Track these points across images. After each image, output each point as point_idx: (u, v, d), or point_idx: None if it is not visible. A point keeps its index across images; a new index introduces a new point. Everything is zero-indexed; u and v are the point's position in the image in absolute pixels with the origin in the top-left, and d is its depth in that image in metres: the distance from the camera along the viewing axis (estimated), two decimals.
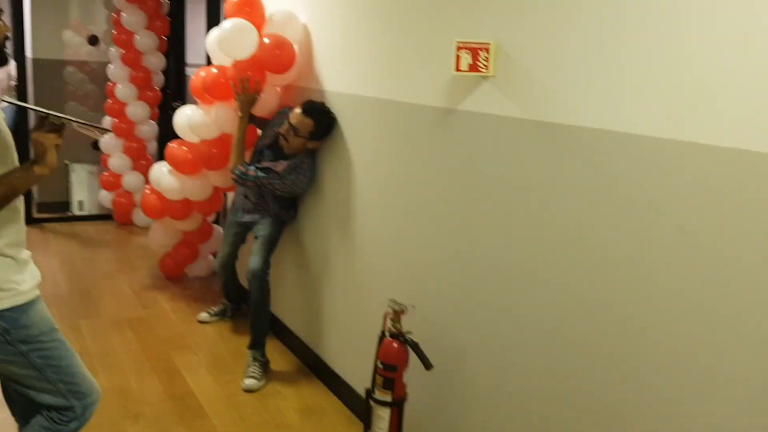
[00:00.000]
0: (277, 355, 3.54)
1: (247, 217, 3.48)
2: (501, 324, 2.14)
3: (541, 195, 1.95)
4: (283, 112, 3.32)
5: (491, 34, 2.08)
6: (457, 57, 2.11)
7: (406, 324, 2.35)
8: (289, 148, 3.18)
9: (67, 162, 5.92)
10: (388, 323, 2.38)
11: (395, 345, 2.30)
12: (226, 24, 3.17)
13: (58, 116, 1.71)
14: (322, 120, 3.06)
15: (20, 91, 5.55)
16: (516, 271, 2.06)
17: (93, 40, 5.92)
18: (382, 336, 2.35)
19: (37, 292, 1.88)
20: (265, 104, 3.37)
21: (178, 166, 3.80)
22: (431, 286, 2.47)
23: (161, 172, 3.95)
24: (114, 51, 5.53)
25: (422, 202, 2.48)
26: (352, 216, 2.95)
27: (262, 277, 3.27)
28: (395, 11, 2.57)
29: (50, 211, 5.89)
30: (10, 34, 2.17)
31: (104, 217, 5.87)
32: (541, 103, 1.92)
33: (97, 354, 3.42)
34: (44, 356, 1.85)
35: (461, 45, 2.09)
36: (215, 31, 3.27)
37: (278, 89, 3.44)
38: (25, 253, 1.91)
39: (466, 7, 2.19)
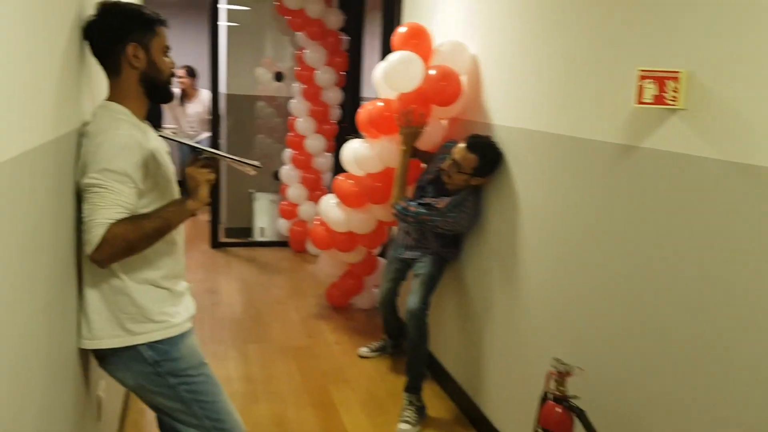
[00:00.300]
0: (435, 399, 3.38)
1: (408, 254, 3.38)
2: (686, 397, 1.80)
3: (740, 249, 1.61)
4: (447, 146, 3.20)
5: (682, 62, 1.78)
6: (640, 88, 1.84)
7: (573, 387, 2.09)
8: (452, 184, 3.04)
9: (251, 191, 6.29)
10: (552, 384, 2.13)
11: (558, 410, 2.04)
12: (392, 57, 3.13)
13: (212, 152, 1.72)
14: (487, 155, 2.89)
15: (213, 124, 5.99)
16: (708, 335, 1.73)
17: (279, 76, 6.25)
18: (545, 398, 2.11)
19: (189, 325, 1.90)
20: (430, 138, 3.27)
21: (344, 199, 3.81)
22: (602, 346, 2.17)
23: (329, 204, 4.00)
24: (296, 86, 5.79)
25: (595, 249, 2.21)
26: (516, 260, 2.73)
27: (419, 317, 3.14)
28: (569, 38, 2.34)
29: (235, 236, 6.27)
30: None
31: (282, 243, 6.12)
32: (743, 142, 1.60)
33: (261, 380, 3.49)
34: (192, 390, 1.85)
35: (645, 74, 1.83)
36: (381, 65, 3.24)
37: (443, 122, 3.33)
38: (182, 285, 1.94)
39: (650, 32, 1.92)
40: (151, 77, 1.77)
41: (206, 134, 6.69)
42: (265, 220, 6.26)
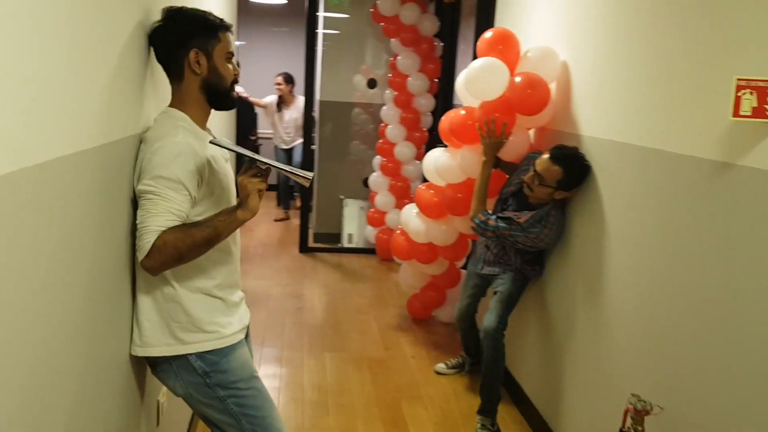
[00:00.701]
0: (511, 423, 3.21)
1: (487, 269, 3.23)
2: None
3: None
4: (531, 157, 3.03)
5: None
6: (737, 99, 1.63)
7: (652, 426, 1.89)
8: (534, 198, 2.87)
9: (342, 197, 6.31)
10: (629, 421, 1.94)
11: None
12: (475, 63, 3.00)
13: (264, 161, 1.67)
14: (572, 168, 2.70)
15: (306, 130, 6.06)
16: None
17: (372, 83, 6.24)
18: None
19: (240, 336, 1.86)
20: (513, 148, 3.11)
21: (425, 210, 3.71)
22: (691, 384, 1.95)
23: (410, 213, 3.91)
24: (389, 93, 5.76)
25: (686, 275, 1.99)
26: (601, 282, 2.53)
27: (495, 336, 2.98)
28: (663, 45, 2.13)
29: (324, 242, 6.31)
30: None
31: (369, 251, 6.10)
32: None
33: (333, 391, 3.44)
34: (240, 404, 1.81)
35: (743, 84, 1.62)
36: (464, 72, 3.12)
37: (529, 132, 3.16)
38: (237, 296, 1.92)
39: (750, 38, 1.70)
40: (213, 84, 1.75)
41: (301, 140, 6.80)
42: (354, 227, 6.26)
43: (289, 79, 7.12)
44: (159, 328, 1.72)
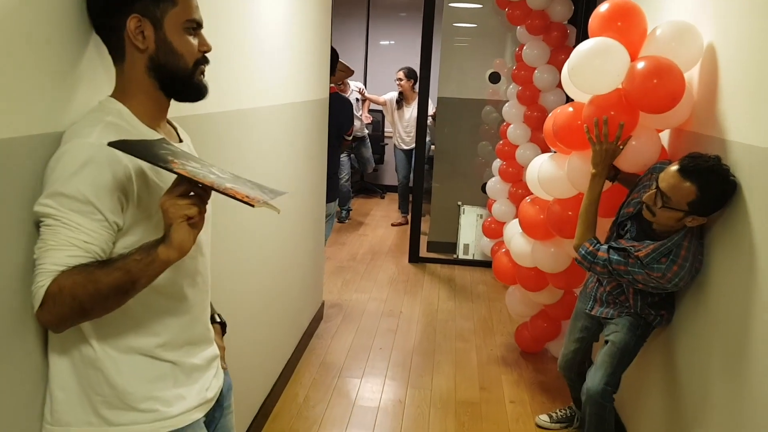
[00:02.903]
0: None
1: (598, 310, 2.54)
2: None
3: None
4: (657, 168, 2.30)
5: None
6: None
7: None
8: (659, 225, 2.15)
9: (459, 203, 5.73)
10: None
11: None
12: (583, 46, 2.32)
13: (199, 180, 1.12)
14: (710, 185, 1.96)
15: (419, 129, 5.55)
16: None
17: (494, 78, 5.59)
18: None
19: (196, 416, 1.36)
20: (636, 155, 2.39)
21: (528, 229, 3.07)
22: None
23: (514, 231, 3.27)
24: (512, 88, 5.09)
25: None
26: (749, 338, 1.79)
27: (601, 402, 2.30)
28: None
29: (438, 251, 5.77)
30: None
31: (485, 264, 5.47)
32: None
33: None
34: None
35: None
36: (570, 57, 2.43)
37: (656, 135, 2.42)
38: (201, 357, 1.41)
39: None
40: (164, 63, 1.26)
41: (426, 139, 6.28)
42: (471, 237, 5.65)
43: (411, 74, 6.64)
44: (77, 400, 1.26)
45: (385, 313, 4.39)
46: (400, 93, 6.73)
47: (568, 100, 4.82)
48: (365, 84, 8.49)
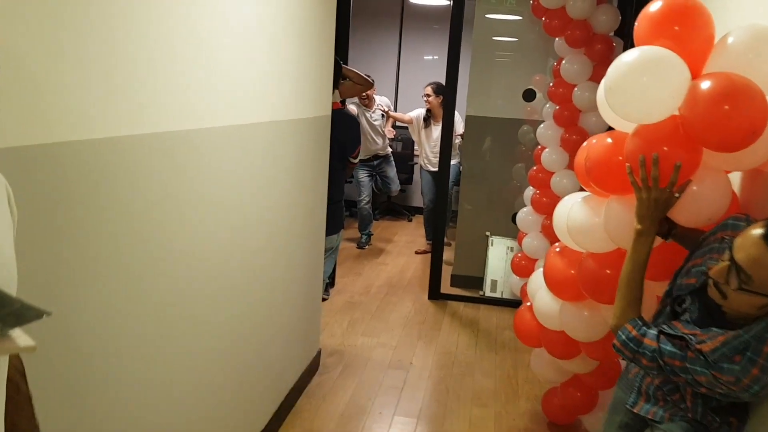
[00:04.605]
0: None
1: (643, 407, 1.91)
2: None
3: None
4: (729, 225, 1.69)
5: None
6: None
7: None
8: (730, 308, 1.54)
9: (488, 233, 5.13)
10: None
11: None
12: (626, 57, 1.73)
13: None
14: None
15: (445, 151, 4.98)
16: None
17: (529, 95, 4.99)
18: None
19: None
20: (697, 207, 1.78)
21: (555, 286, 2.46)
22: None
23: (539, 284, 2.67)
24: (548, 107, 4.49)
25: None
26: None
27: None
28: None
29: (462, 286, 5.17)
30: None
31: (515, 304, 4.83)
32: None
33: None
34: None
35: None
36: (608, 73, 1.83)
37: (725, 179, 1.80)
38: None
39: None
40: None
41: (454, 161, 5.70)
42: (500, 272, 5.03)
43: (440, 90, 6.08)
44: None
45: (392, 363, 3.81)
46: (428, 110, 6.18)
47: None
48: (396, 100, 7.96)
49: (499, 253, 5.08)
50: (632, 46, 1.98)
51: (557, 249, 2.50)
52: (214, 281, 2.17)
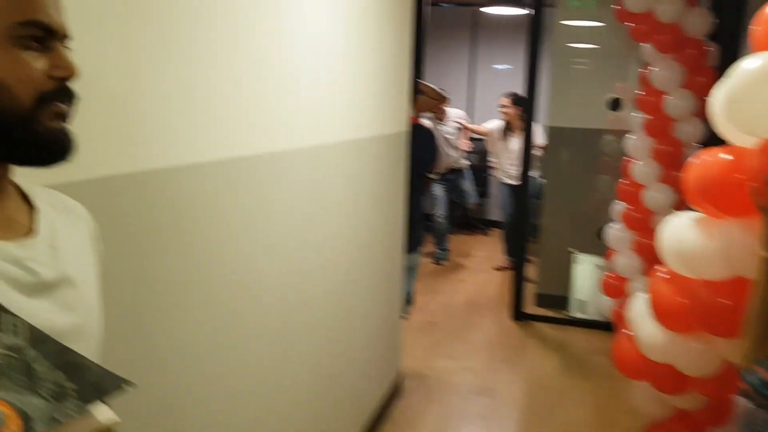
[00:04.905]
0: None
1: None
2: None
3: None
4: None
5: None
6: None
7: None
8: None
9: (571, 250, 4.89)
10: None
11: None
12: (749, 64, 1.54)
13: None
14: None
15: (524, 162, 4.79)
16: None
17: (615, 104, 4.74)
18: None
19: None
20: None
21: (663, 315, 2.25)
22: None
23: (642, 310, 2.46)
24: (637, 117, 4.24)
25: None
26: None
27: None
28: None
29: (547, 306, 4.94)
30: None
31: (605, 326, 4.57)
32: None
33: None
34: None
35: None
36: (726, 82, 1.64)
37: None
38: None
39: None
40: None
41: (533, 173, 5.49)
42: (587, 292, 4.78)
43: (518, 101, 5.89)
44: None
45: (477, 389, 3.64)
46: (507, 122, 6.00)
47: (709, 132, 3.91)
48: (470, 112, 7.80)
49: (585, 271, 4.83)
50: (730, 52, 1.80)
51: (664, 275, 2.29)
52: (295, 304, 2.12)
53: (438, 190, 6.34)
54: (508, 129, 6.00)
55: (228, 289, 1.70)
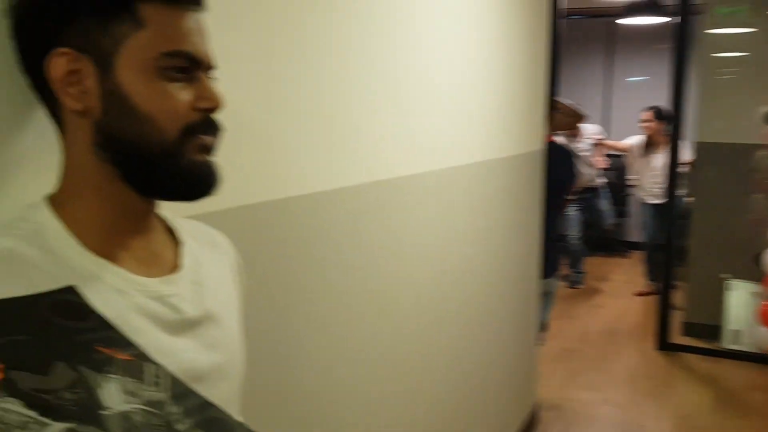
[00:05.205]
0: None
1: None
2: None
3: None
4: None
5: None
6: None
7: None
8: None
9: (724, 276, 4.49)
10: None
11: None
12: None
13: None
14: None
15: (671, 179, 4.48)
16: None
17: None
18: None
19: None
20: None
21: None
22: None
23: None
24: None
25: None
26: None
27: None
28: None
29: (696, 336, 4.56)
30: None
31: (763, 360, 4.16)
32: None
33: None
34: None
35: None
36: None
37: None
38: None
39: None
40: (116, 134, 0.69)
41: (680, 192, 5.13)
42: (742, 321, 4.37)
43: (660, 115, 5.55)
44: None
45: (621, 425, 3.41)
46: (649, 137, 5.66)
47: None
48: (607, 127, 7.46)
49: (740, 299, 4.41)
50: None
51: None
52: (428, 328, 2.08)
53: (572, 210, 6.08)
54: (649, 145, 5.66)
55: (367, 314, 1.68)
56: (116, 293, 0.69)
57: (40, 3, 0.68)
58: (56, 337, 0.58)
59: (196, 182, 0.73)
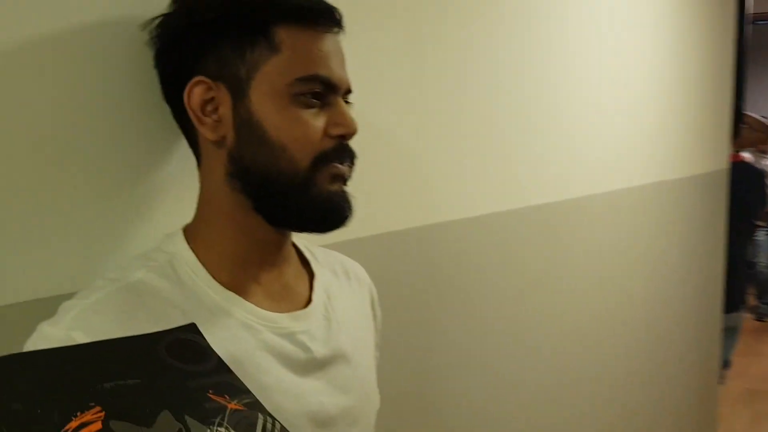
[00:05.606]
0: None
1: None
2: None
3: None
4: None
5: None
6: None
7: None
8: None
9: None
10: None
11: None
12: None
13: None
14: None
15: None
16: None
17: None
18: None
19: None
20: None
21: None
22: None
23: None
24: None
25: None
26: None
27: None
28: None
29: None
30: None
31: None
32: None
33: None
34: None
35: None
36: None
37: None
38: None
39: None
40: (248, 164, 0.66)
41: None
42: None
43: None
44: None
45: None
46: None
47: None
48: None
49: None
50: None
51: None
52: (591, 365, 1.92)
53: (761, 235, 5.50)
54: None
55: (514, 352, 1.56)
56: (244, 329, 0.66)
57: (179, 32, 0.68)
58: (169, 381, 0.54)
59: (329, 213, 0.68)
